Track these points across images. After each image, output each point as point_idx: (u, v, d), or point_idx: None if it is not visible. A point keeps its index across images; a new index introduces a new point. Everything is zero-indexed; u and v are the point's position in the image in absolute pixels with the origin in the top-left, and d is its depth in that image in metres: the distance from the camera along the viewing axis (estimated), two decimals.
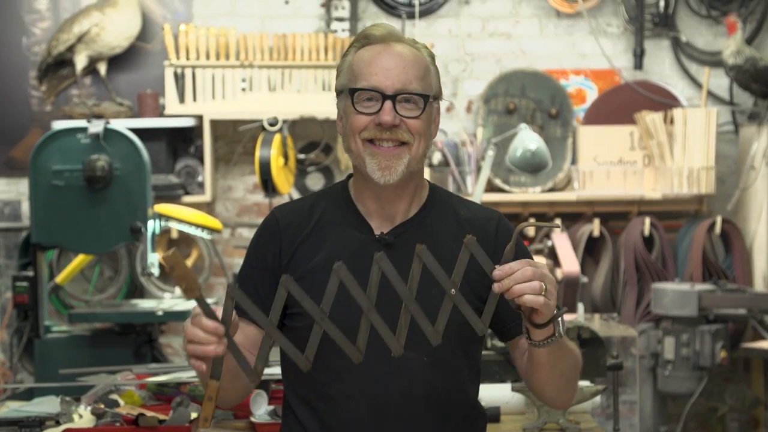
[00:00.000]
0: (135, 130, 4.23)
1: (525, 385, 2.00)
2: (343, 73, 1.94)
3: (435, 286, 1.72)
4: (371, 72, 1.88)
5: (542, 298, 1.70)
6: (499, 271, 1.71)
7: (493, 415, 2.59)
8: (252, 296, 1.87)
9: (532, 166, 4.64)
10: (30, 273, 4.06)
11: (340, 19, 5.14)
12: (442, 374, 1.89)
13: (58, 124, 4.49)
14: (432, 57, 1.96)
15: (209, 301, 4.74)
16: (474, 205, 2.04)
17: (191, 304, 4.33)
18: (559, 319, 1.78)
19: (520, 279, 1.70)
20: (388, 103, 1.86)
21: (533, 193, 5.08)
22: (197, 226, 4.34)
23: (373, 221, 1.95)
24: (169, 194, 4.89)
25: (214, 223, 4.39)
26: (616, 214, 5.18)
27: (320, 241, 1.93)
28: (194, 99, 4.98)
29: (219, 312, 1.68)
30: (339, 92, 1.95)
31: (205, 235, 4.43)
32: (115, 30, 4.96)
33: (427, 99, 1.90)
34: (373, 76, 1.88)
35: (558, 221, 5.05)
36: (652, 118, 5.03)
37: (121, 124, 4.31)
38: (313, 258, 1.91)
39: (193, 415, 2.60)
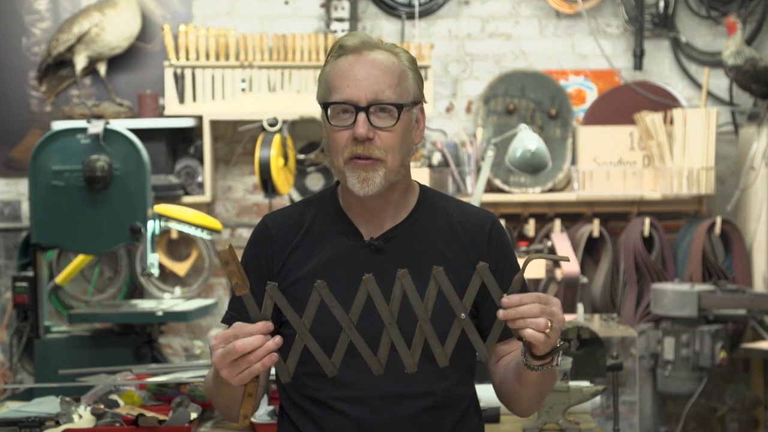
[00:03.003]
0: (135, 131, 4.23)
1: (494, 390, 2.01)
2: (320, 86, 1.94)
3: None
4: (344, 84, 1.87)
5: (542, 336, 1.71)
6: (507, 299, 1.72)
7: (493, 415, 2.59)
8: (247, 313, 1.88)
9: (532, 167, 4.64)
10: (30, 273, 4.06)
11: (340, 20, 5.14)
12: (435, 376, 1.88)
13: (58, 125, 4.48)
14: (411, 61, 1.93)
15: (209, 301, 4.69)
16: (468, 206, 2.02)
17: (191, 305, 4.33)
18: (559, 346, 1.79)
19: (527, 314, 1.71)
20: (361, 116, 1.85)
21: (533, 194, 5.08)
22: (197, 226, 4.34)
23: (362, 227, 1.94)
24: (168, 195, 4.90)
25: (213, 223, 4.39)
26: (615, 215, 5.18)
27: (311, 248, 1.93)
28: (194, 99, 4.98)
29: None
30: (320, 104, 1.95)
31: (205, 235, 4.43)
32: (114, 30, 4.96)
33: (401, 108, 1.88)
34: (345, 89, 1.86)
35: (558, 227, 5.05)
36: (652, 119, 5.03)
37: (121, 125, 4.30)
38: (304, 266, 1.91)
39: (193, 415, 2.60)
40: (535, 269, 4.43)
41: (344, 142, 1.87)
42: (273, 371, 2.45)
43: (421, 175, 4.82)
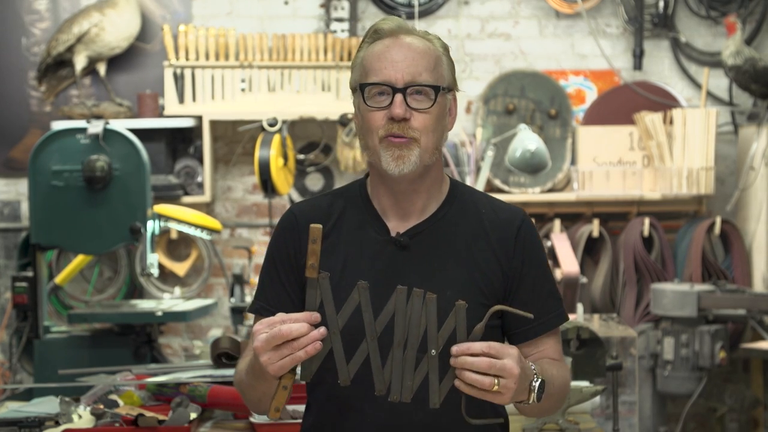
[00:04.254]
0: (134, 131, 4.23)
1: None
2: (355, 69, 1.94)
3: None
4: (381, 66, 1.88)
5: (482, 395, 1.71)
6: (456, 348, 1.71)
7: None
8: (279, 294, 1.91)
9: (532, 167, 4.64)
10: (29, 273, 4.06)
11: (340, 20, 5.14)
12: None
13: (58, 125, 4.49)
14: (445, 48, 1.94)
15: (208, 302, 4.67)
16: (498, 202, 2.00)
17: (190, 305, 4.33)
18: (536, 385, 1.77)
19: (475, 366, 1.70)
20: (398, 97, 1.86)
21: (533, 194, 5.08)
22: (197, 226, 4.34)
23: (390, 221, 1.93)
24: (168, 195, 4.90)
25: (213, 223, 4.39)
26: (615, 215, 5.18)
27: (337, 242, 1.92)
28: (194, 99, 4.98)
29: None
30: (353, 90, 1.94)
31: (205, 235, 4.43)
32: (114, 30, 4.96)
33: (438, 90, 1.88)
34: (383, 71, 1.87)
35: (556, 229, 5.05)
36: (652, 119, 5.03)
37: (121, 125, 4.31)
38: (329, 259, 1.89)
39: (193, 415, 2.60)
40: None
41: (380, 122, 1.87)
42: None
43: None
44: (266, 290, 1.94)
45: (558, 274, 4.59)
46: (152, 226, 4.05)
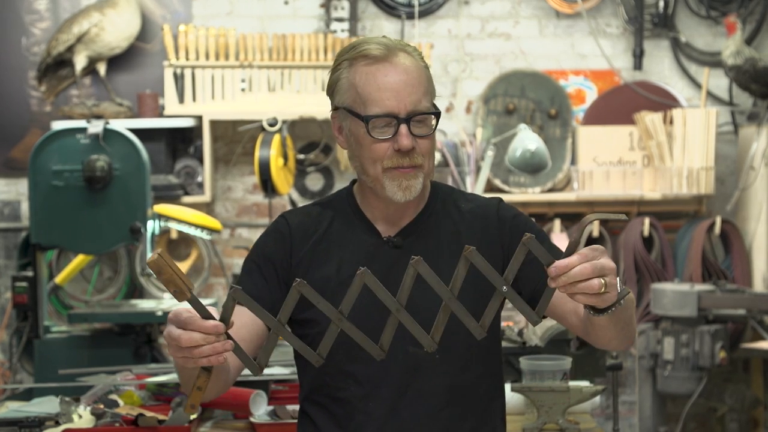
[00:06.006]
0: (134, 131, 4.23)
1: (582, 338, 1.93)
2: (342, 91, 1.93)
3: (431, 291, 1.71)
4: (382, 96, 1.87)
5: (594, 299, 1.64)
6: (554, 268, 1.63)
7: None
8: (254, 290, 1.88)
9: (532, 167, 4.64)
10: (29, 273, 4.06)
11: (340, 20, 5.14)
12: (455, 370, 1.89)
13: (58, 125, 4.49)
14: (422, 57, 1.95)
15: (208, 301, 4.68)
16: (473, 196, 2.06)
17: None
18: (617, 281, 1.70)
19: (578, 277, 1.62)
20: (403, 128, 1.86)
21: (533, 194, 5.08)
22: (197, 226, 4.34)
23: (380, 225, 1.96)
24: (168, 194, 4.89)
25: (213, 223, 4.39)
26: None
27: (329, 249, 1.94)
28: (194, 99, 4.98)
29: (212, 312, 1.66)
30: (337, 108, 1.95)
31: (205, 235, 4.43)
32: (114, 30, 4.96)
33: (439, 115, 1.91)
34: (384, 101, 1.87)
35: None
36: (652, 119, 5.03)
37: (121, 125, 4.31)
38: (323, 266, 1.92)
39: (193, 415, 2.60)
40: None
41: (384, 153, 1.88)
42: (276, 371, 2.44)
43: None
44: (247, 280, 1.93)
45: None
46: (152, 226, 4.05)
